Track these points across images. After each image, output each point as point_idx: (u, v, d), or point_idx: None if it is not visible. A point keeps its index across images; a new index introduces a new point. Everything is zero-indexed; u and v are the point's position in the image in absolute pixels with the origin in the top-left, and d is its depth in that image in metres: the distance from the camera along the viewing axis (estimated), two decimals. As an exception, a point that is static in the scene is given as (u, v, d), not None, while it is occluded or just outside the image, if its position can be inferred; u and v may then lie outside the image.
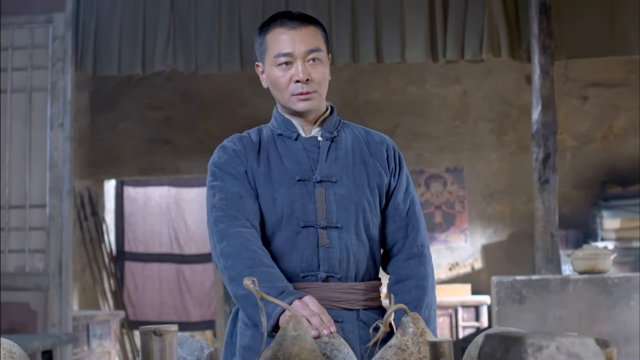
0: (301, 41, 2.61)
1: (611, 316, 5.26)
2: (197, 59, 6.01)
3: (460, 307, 8.01)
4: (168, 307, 9.52)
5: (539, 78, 5.51)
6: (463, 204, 8.78)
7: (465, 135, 8.82)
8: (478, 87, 8.81)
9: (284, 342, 1.94)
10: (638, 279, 5.32)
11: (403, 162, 2.77)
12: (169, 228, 9.63)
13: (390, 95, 8.94)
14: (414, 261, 2.67)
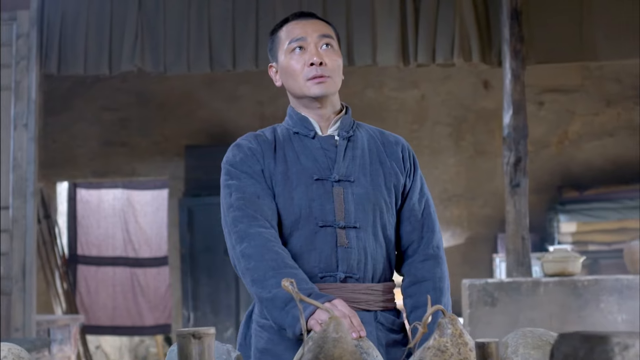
0: (313, 28, 2.64)
1: (581, 318, 5.32)
2: (165, 59, 5.94)
3: (420, 310, 8.02)
4: (122, 311, 9.39)
5: (510, 82, 5.56)
6: (421, 208, 8.80)
7: (424, 140, 8.87)
8: (436, 91, 8.87)
9: (326, 345, 1.91)
10: (607, 282, 5.40)
11: (417, 163, 2.77)
12: (123, 231, 9.50)
13: (349, 98, 8.88)
14: (430, 263, 2.66)
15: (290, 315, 2.32)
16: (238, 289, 8.17)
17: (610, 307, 5.34)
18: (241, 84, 8.90)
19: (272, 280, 2.38)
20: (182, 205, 8.21)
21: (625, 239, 7.92)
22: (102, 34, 5.95)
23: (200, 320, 8.17)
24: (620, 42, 5.67)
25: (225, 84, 8.88)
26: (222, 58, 5.91)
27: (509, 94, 5.57)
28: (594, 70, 8.57)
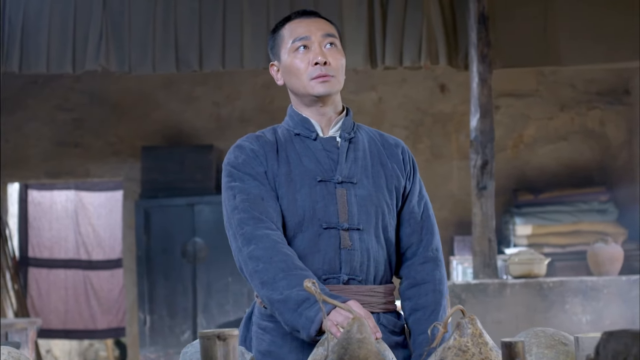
0: (317, 27, 2.63)
1: (547, 319, 5.40)
2: (130, 59, 5.87)
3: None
4: (74, 315, 9.25)
5: (477, 86, 5.62)
6: (377, 210, 8.84)
7: (380, 142, 8.88)
8: (393, 94, 8.91)
9: (350, 346, 1.90)
10: (572, 283, 5.49)
11: (416, 165, 2.78)
12: (75, 233, 9.36)
13: (306, 101, 8.93)
14: (430, 265, 2.67)
15: (304, 317, 2.30)
16: (195, 291, 8.11)
17: (575, 308, 5.43)
18: (197, 85, 8.84)
19: (282, 282, 2.36)
20: (138, 207, 8.11)
21: (580, 241, 8.05)
22: (66, 32, 5.86)
23: (157, 324, 8.09)
24: (584, 48, 5.76)
25: (182, 85, 8.81)
26: (188, 58, 5.86)
27: (476, 98, 5.63)
28: (549, 75, 8.69)
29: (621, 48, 5.75)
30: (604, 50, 5.76)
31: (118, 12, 5.86)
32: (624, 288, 5.46)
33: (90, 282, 9.31)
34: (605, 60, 5.97)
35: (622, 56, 5.84)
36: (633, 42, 5.72)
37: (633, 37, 5.71)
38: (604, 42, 5.72)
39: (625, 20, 5.72)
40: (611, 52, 5.78)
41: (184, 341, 8.08)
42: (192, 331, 8.08)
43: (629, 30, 5.70)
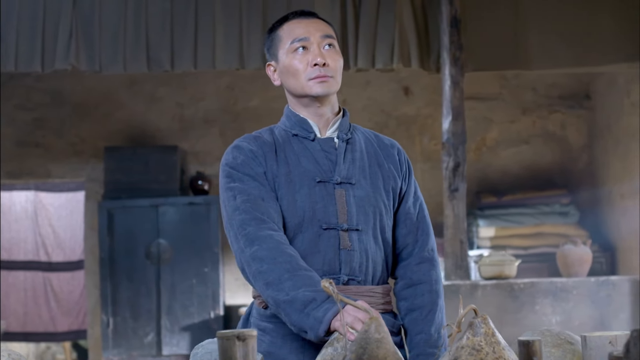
0: (316, 28, 2.63)
1: (517, 320, 5.46)
2: (101, 58, 5.81)
3: (343, 314, 8.08)
4: (34, 317, 9.12)
5: (449, 89, 5.67)
6: (341, 212, 8.85)
7: (345, 144, 8.91)
8: (357, 96, 8.93)
9: (369, 346, 1.91)
10: (542, 285, 5.56)
11: (411, 166, 2.80)
12: (35, 234, 9.23)
13: (270, 102, 8.92)
14: (426, 265, 2.69)
15: (312, 318, 2.29)
16: (159, 293, 8.05)
17: (545, 309, 5.50)
18: (161, 86, 8.78)
19: (288, 282, 2.35)
20: (101, 208, 8.03)
21: (542, 243, 8.16)
22: (35, 31, 5.78)
23: (120, 326, 8.01)
24: (554, 52, 5.84)
25: (145, 85, 8.75)
26: (160, 58, 5.82)
27: (448, 100, 5.67)
28: (511, 79, 8.79)
29: (590, 53, 5.83)
30: (573, 55, 5.84)
31: (88, 11, 5.80)
32: (592, 289, 5.55)
33: (50, 283, 9.18)
34: (574, 65, 6.05)
35: (591, 61, 5.93)
36: (601, 47, 5.81)
37: (601, 42, 5.80)
38: (573, 46, 5.80)
39: (594, 25, 5.81)
40: (580, 57, 5.86)
41: (147, 343, 8.01)
42: (156, 333, 8.02)
43: (597, 35, 5.79)
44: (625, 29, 5.78)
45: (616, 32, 5.78)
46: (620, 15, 5.77)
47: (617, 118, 8.32)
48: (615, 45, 5.79)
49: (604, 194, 8.55)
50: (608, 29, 5.77)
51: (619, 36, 5.78)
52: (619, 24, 5.77)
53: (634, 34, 5.79)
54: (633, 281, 5.65)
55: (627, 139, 8.14)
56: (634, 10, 5.79)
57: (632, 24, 5.78)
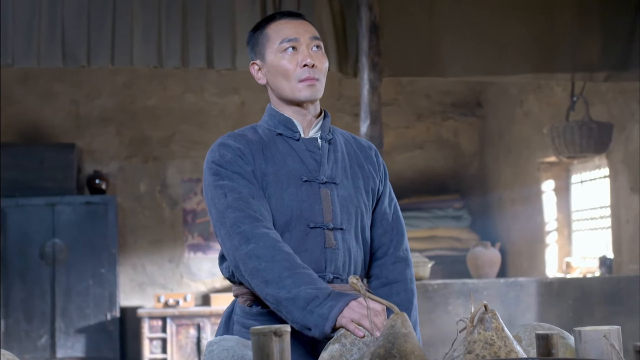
0: (305, 29, 2.64)
1: (431, 320, 5.60)
2: (14, 51, 5.61)
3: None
4: None
5: (367, 93, 5.74)
6: (239, 214, 8.86)
7: (243, 146, 8.91)
8: (256, 98, 8.94)
9: (397, 340, 1.95)
10: (455, 286, 5.72)
11: (386, 168, 2.86)
12: None
13: (168, 102, 8.85)
14: (401, 265, 2.75)
15: (316, 315, 2.30)
16: (54, 294, 7.85)
17: (457, 309, 5.66)
18: (55, 82, 8.57)
19: (288, 280, 2.36)
20: (-6, 206, 7.78)
21: (436, 246, 8.39)
22: (-57, 20, 5.54)
23: (12, 328, 7.77)
24: (467, 61, 5.99)
25: (39, 81, 8.52)
26: (75, 53, 5.67)
27: (366, 105, 5.75)
28: (407, 85, 8.99)
29: (500, 62, 6.02)
30: (485, 64, 6.01)
31: (1, 2, 5.60)
32: (502, 290, 5.75)
33: None
34: (485, 74, 6.23)
35: (501, 70, 6.12)
36: (511, 57, 6.01)
37: (511, 52, 6.00)
38: (484, 56, 5.97)
39: (504, 36, 6.00)
40: (491, 66, 6.04)
41: (40, 346, 7.80)
42: (50, 335, 7.82)
43: (507, 45, 5.99)
44: (533, 41, 6.00)
45: (525, 43, 5.99)
46: (529, 27, 5.99)
47: (509, 126, 8.64)
48: (524, 55, 6.00)
49: (494, 199, 8.86)
50: (517, 40, 5.98)
51: (527, 47, 6.00)
52: (527, 36, 5.99)
53: (542, 45, 6.03)
54: (539, 282, 5.89)
55: (518, 147, 8.47)
56: (542, 23, 6.03)
57: (540, 36, 6.02)
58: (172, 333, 7.99)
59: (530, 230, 8.20)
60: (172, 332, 7.99)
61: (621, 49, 6.18)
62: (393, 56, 5.92)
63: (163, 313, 8.01)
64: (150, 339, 7.99)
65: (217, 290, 8.74)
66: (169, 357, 7.95)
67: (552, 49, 6.08)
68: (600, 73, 6.15)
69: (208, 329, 8.03)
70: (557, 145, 6.27)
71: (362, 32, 5.79)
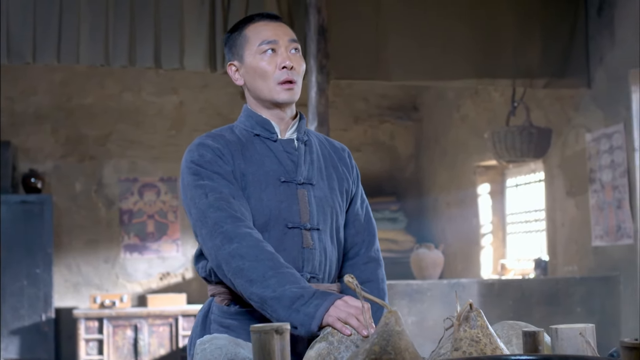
0: (284, 32, 2.67)
1: (376, 320, 5.66)
2: (-43, 46, 5.51)
3: (181, 317, 8.06)
4: None
5: (315, 95, 5.80)
6: (176, 214, 8.83)
7: (181, 146, 8.87)
8: (195, 98, 8.92)
9: (391, 338, 2.00)
10: (399, 286, 5.81)
11: (358, 170, 2.90)
12: None
13: (105, 100, 8.76)
14: (372, 265, 2.81)
15: (302, 314, 2.32)
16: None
17: (402, 309, 5.74)
18: (-11, 79, 8.40)
19: (272, 279, 2.38)
20: None
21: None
22: None
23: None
24: (412, 65, 6.09)
25: (-27, 77, 8.35)
26: (21, 50, 5.59)
27: (314, 107, 5.80)
28: (345, 88, 9.06)
29: (444, 67, 6.14)
30: (429, 68, 6.12)
31: (-57, -4, 5.49)
32: (444, 291, 5.85)
33: None
34: (429, 78, 6.34)
35: (445, 75, 6.24)
36: (455, 62, 6.13)
37: (455, 57, 6.12)
38: (429, 60, 6.08)
39: (448, 41, 6.12)
40: (435, 71, 6.15)
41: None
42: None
43: (451, 51, 6.11)
44: (476, 47, 6.13)
45: (469, 49, 6.12)
46: (473, 33, 6.12)
47: (445, 130, 8.78)
48: (467, 61, 6.13)
49: (430, 201, 9.00)
50: (461, 46, 6.10)
51: (471, 53, 6.13)
52: (471, 42, 6.12)
53: (484, 51, 6.16)
54: (480, 283, 6.02)
55: (454, 151, 8.62)
56: (485, 30, 6.17)
57: (483, 42, 6.15)
58: (108, 334, 7.91)
59: (465, 232, 8.35)
60: (109, 333, 7.92)
61: (560, 57, 6.36)
62: (340, 59, 5.98)
63: (100, 314, 7.92)
64: (86, 340, 7.90)
65: (154, 291, 8.68)
66: (105, 359, 7.87)
67: (495, 56, 6.23)
68: (540, 80, 6.32)
69: (145, 330, 7.97)
70: (497, 150, 6.41)
71: (310, 35, 5.83)
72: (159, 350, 7.99)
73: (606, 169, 6.21)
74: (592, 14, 6.42)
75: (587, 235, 6.52)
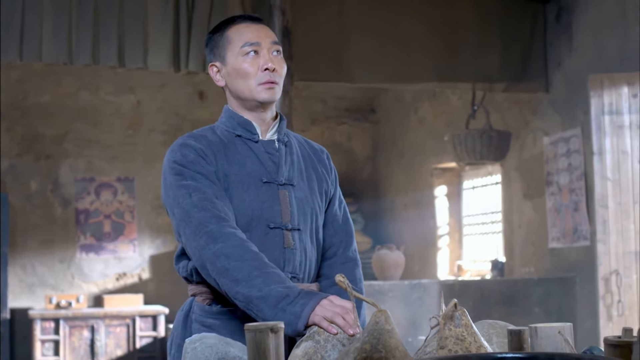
0: (266, 34, 2.70)
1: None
2: None
3: (138, 317, 8.02)
4: None
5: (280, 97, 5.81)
6: (133, 214, 8.78)
7: (138, 146, 8.84)
8: (152, 98, 8.88)
9: (382, 336, 2.04)
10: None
11: (336, 171, 2.94)
12: None
13: (62, 99, 8.68)
14: (350, 265, 2.84)
15: (288, 313, 2.34)
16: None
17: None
18: None
19: (258, 279, 2.40)
20: None
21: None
22: None
23: None
24: (374, 68, 6.14)
25: None
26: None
27: (278, 108, 5.81)
28: (302, 90, 9.08)
29: (404, 71, 6.20)
30: (390, 72, 6.18)
31: None
32: (406, 291, 5.91)
33: None
34: (391, 81, 6.40)
35: (406, 78, 6.30)
36: (416, 66, 6.20)
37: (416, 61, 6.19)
38: (390, 64, 6.14)
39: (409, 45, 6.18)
40: (396, 74, 6.21)
41: None
42: None
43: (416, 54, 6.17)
44: (438, 51, 6.21)
45: (430, 53, 6.19)
46: (435, 37, 6.19)
47: (403, 132, 8.86)
48: (429, 64, 6.20)
49: (387, 203, 9.07)
50: (423, 49, 6.17)
51: (432, 57, 6.20)
52: (433, 45, 6.19)
53: (446, 55, 6.24)
54: (441, 284, 6.10)
55: (412, 153, 8.70)
56: (447, 34, 6.25)
57: (444, 46, 6.23)
58: (65, 335, 7.84)
59: (422, 233, 8.43)
60: (65, 334, 7.85)
61: (519, 62, 6.47)
62: (304, 61, 6.02)
63: (56, 315, 7.85)
64: (42, 341, 7.82)
65: (110, 291, 8.62)
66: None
67: (456, 60, 6.32)
68: (499, 84, 6.42)
69: (102, 331, 7.91)
70: (458, 152, 6.49)
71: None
72: (116, 351, 7.94)
73: (563, 172, 6.33)
74: (550, 20, 6.54)
75: (544, 237, 6.64)
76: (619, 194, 5.53)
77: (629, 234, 5.52)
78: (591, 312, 5.95)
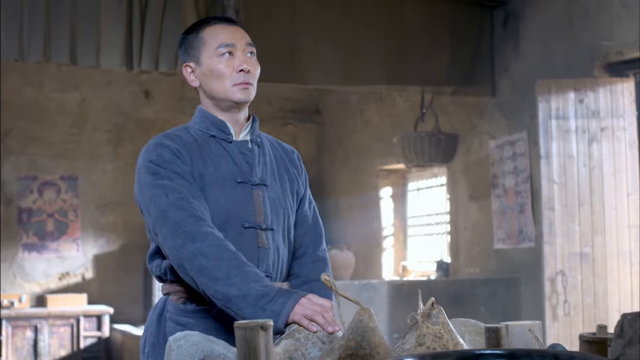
0: (241, 35, 2.73)
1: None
2: None
3: (82, 317, 7.96)
4: None
5: (234, 97, 5.82)
6: (76, 213, 8.70)
7: (82, 144, 8.76)
8: (97, 96, 8.81)
9: (366, 334, 2.10)
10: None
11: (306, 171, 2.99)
12: None
13: (6, 95, 8.55)
14: (320, 264, 2.90)
15: (268, 311, 2.38)
16: None
17: (314, 309, 5.83)
18: None
19: (237, 278, 2.42)
20: None
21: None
22: None
23: None
24: (327, 70, 6.19)
25: None
26: None
27: (224, 108, 5.83)
28: (249, 91, 9.10)
29: (356, 73, 6.26)
30: (343, 74, 6.23)
31: None
32: (356, 291, 5.97)
33: None
34: (343, 83, 6.46)
35: (357, 80, 6.36)
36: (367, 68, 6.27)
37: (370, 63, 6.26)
38: (342, 65, 6.19)
39: (361, 48, 6.25)
40: (348, 76, 6.27)
41: None
42: None
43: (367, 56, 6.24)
44: (388, 53, 6.28)
45: (381, 55, 6.27)
46: (385, 40, 6.26)
47: (349, 134, 8.94)
48: (379, 67, 6.27)
49: (332, 204, 9.13)
50: (374, 52, 6.24)
51: (383, 59, 6.27)
52: (383, 48, 6.26)
53: (396, 58, 6.32)
54: (390, 284, 6.18)
55: (357, 154, 8.78)
56: (397, 37, 6.32)
57: (394, 49, 6.31)
58: (7, 335, 7.74)
59: (367, 234, 8.51)
60: (8, 334, 7.75)
61: (467, 66, 6.59)
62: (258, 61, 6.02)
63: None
64: (-17, 341, 7.72)
65: (52, 291, 8.53)
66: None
67: (405, 63, 6.40)
68: (447, 87, 6.53)
69: (45, 331, 7.83)
70: (407, 154, 6.58)
71: (229, 38, 5.86)
72: (60, 351, 7.87)
73: (509, 175, 6.47)
74: (497, 25, 6.67)
75: (489, 239, 6.76)
76: (565, 196, 5.67)
77: (575, 236, 5.66)
78: (536, 312, 6.08)
